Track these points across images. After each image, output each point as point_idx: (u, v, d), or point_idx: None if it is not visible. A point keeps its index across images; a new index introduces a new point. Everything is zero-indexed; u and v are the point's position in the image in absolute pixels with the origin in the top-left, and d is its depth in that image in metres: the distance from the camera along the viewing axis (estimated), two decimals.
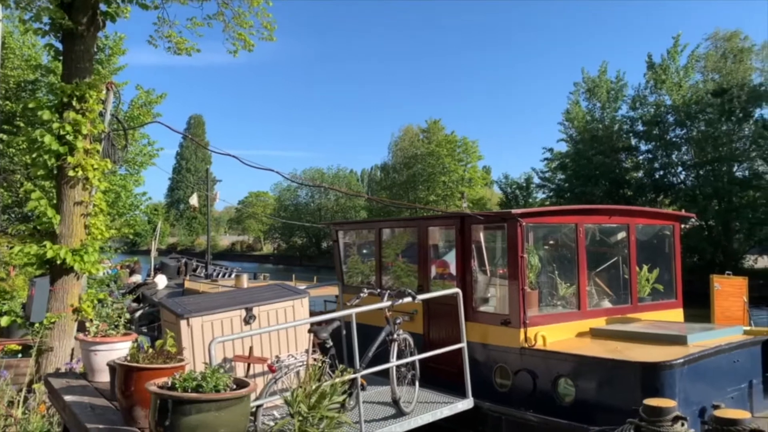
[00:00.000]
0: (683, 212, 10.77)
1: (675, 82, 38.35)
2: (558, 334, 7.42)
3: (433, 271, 9.12)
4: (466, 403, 6.86)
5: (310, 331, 6.25)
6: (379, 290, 7.39)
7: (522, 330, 7.20)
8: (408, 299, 6.79)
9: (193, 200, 34.22)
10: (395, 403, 6.45)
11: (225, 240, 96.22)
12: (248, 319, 6.73)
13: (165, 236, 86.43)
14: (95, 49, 7.83)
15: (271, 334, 6.73)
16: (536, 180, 49.55)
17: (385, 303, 6.68)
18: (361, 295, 7.05)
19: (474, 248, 8.41)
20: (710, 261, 32.12)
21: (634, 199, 38.33)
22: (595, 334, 7.53)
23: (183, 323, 6.17)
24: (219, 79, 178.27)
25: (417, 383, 6.93)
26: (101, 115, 7.33)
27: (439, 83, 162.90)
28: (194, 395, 2.66)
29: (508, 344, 7.31)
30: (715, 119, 35.75)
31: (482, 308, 8.06)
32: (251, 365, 6.22)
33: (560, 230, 8.49)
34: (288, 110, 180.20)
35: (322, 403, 3.21)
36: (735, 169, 36.34)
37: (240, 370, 6.28)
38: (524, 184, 52.26)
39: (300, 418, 3.13)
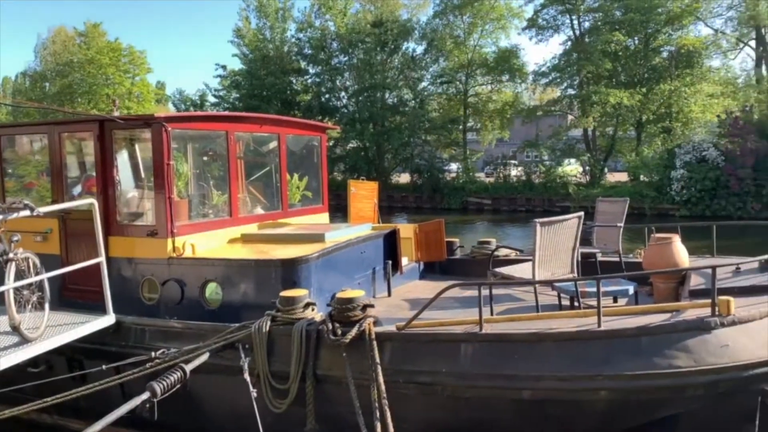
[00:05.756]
0: (328, 124, 11.67)
1: (340, 9, 40.96)
2: (209, 242, 7.39)
3: (79, 188, 8.10)
4: (106, 320, 6.36)
5: None
6: None
7: (170, 240, 6.92)
8: (26, 212, 5.80)
9: None
10: (15, 330, 5.60)
11: None
12: None
13: None
14: None
15: None
16: (212, 99, 48.31)
17: None
18: None
19: (130, 162, 7.70)
20: (366, 178, 36.32)
21: None
22: (246, 239, 7.73)
23: None
24: None
25: (47, 306, 6.11)
26: None
27: None
28: None
29: (155, 256, 6.99)
30: (372, 49, 39.60)
31: (132, 222, 7.51)
32: None
33: (214, 139, 8.31)
34: None
35: None
36: (387, 96, 41.22)
37: None
38: (199, 102, 50.36)
39: None
